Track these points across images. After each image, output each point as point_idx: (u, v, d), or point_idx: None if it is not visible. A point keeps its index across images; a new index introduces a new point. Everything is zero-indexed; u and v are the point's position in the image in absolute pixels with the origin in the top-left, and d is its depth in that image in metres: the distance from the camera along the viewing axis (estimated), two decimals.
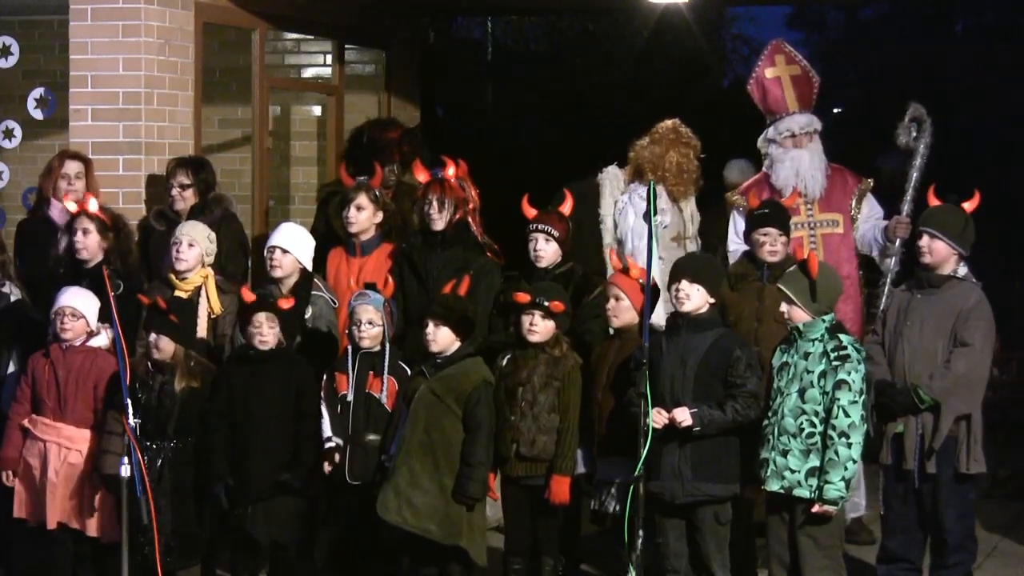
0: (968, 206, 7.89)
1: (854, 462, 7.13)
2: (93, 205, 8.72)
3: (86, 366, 8.11)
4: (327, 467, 7.87)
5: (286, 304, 8.04)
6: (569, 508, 7.91)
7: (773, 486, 7.26)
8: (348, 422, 7.91)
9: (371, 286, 8.05)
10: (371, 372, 7.91)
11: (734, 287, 8.24)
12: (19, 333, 8.52)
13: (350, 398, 7.89)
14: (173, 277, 8.52)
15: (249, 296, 8.02)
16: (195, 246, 8.52)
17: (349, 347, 8.00)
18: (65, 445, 8.11)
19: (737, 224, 8.97)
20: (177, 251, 8.50)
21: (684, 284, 7.41)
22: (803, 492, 7.20)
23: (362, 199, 8.73)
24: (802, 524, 7.28)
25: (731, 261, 8.75)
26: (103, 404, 8.02)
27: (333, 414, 7.92)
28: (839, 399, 7.13)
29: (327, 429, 7.91)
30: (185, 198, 9.28)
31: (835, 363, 7.17)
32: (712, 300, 7.47)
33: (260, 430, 7.87)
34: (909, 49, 21.79)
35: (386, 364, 7.90)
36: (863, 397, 7.20)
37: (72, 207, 8.73)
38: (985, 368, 7.74)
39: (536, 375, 7.75)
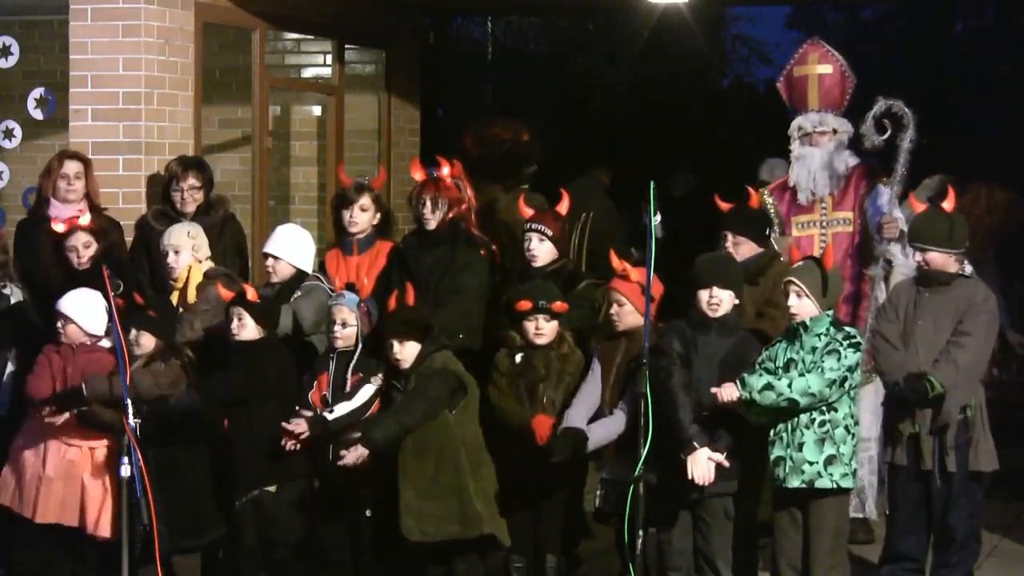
0: (947, 206, 7.90)
1: (786, 391, 7.12)
2: (85, 219, 8.82)
3: (90, 365, 8.11)
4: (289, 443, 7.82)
5: (251, 294, 8.07)
6: (570, 507, 7.95)
7: (794, 483, 7.27)
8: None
9: (350, 287, 8.11)
10: (348, 372, 7.96)
11: None
12: (18, 335, 8.52)
13: (330, 398, 7.92)
14: (172, 280, 8.66)
15: (226, 293, 8.11)
16: (181, 252, 8.63)
17: (329, 348, 8.06)
18: (65, 442, 8.11)
19: None
20: (167, 263, 8.64)
21: (716, 291, 7.42)
22: (824, 483, 7.23)
23: (365, 200, 8.78)
24: (816, 520, 7.30)
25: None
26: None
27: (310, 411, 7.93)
28: (824, 361, 7.17)
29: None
30: (196, 199, 9.30)
31: (845, 344, 7.21)
32: (737, 301, 7.49)
33: (242, 421, 7.93)
34: (909, 49, 21.81)
35: (354, 361, 7.94)
36: (848, 374, 7.20)
37: (60, 227, 8.76)
38: (985, 358, 7.76)
39: (553, 371, 7.82)
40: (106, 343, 8.17)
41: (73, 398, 7.85)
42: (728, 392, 7.22)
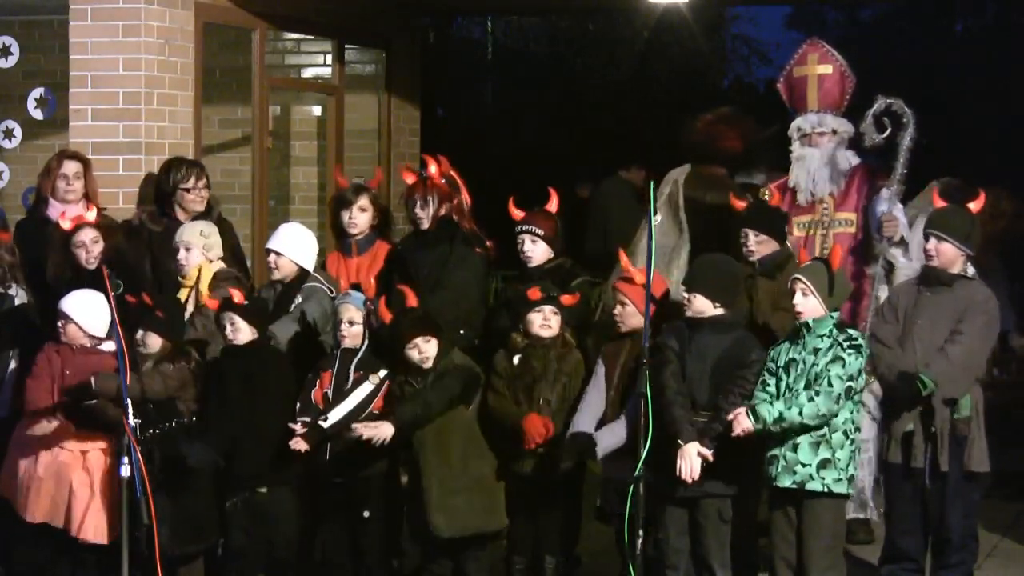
0: (974, 206, 7.89)
1: (797, 420, 7.13)
2: (92, 215, 8.83)
3: (88, 367, 8.10)
4: (298, 444, 7.84)
5: (237, 297, 8.07)
6: (571, 507, 7.96)
7: (784, 482, 7.27)
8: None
9: (355, 286, 8.16)
10: (351, 369, 7.98)
11: None
12: (19, 337, 8.52)
13: (331, 395, 7.93)
14: (180, 278, 8.68)
15: (212, 302, 8.18)
16: (192, 249, 8.64)
17: (335, 346, 8.08)
18: (57, 444, 8.11)
19: None
20: (178, 260, 8.67)
21: (682, 291, 7.49)
22: (815, 486, 7.21)
23: (364, 200, 8.81)
24: (810, 521, 7.29)
25: None
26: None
27: (312, 409, 7.94)
28: (830, 370, 7.17)
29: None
30: (204, 198, 9.34)
31: (848, 351, 7.20)
32: (718, 304, 7.46)
33: (241, 423, 7.93)
34: (909, 49, 21.80)
35: (356, 359, 7.96)
36: (851, 383, 7.21)
37: (67, 224, 8.76)
38: (981, 358, 7.74)
39: (550, 371, 7.83)
40: (107, 346, 8.16)
41: (81, 393, 7.88)
42: (742, 424, 7.21)
